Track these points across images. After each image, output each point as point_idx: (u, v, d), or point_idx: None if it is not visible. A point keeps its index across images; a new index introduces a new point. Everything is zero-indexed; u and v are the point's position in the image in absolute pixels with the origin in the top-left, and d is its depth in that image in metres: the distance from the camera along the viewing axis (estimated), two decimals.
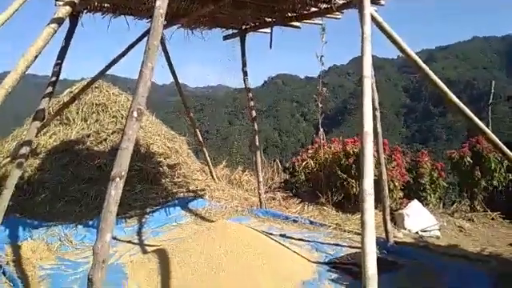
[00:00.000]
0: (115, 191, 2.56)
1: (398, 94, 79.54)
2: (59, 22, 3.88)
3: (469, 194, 6.79)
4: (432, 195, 6.70)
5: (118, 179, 2.56)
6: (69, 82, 8.74)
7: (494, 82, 11.85)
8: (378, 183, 4.72)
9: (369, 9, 2.83)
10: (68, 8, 3.89)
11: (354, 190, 6.13)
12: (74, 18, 4.31)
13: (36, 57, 3.75)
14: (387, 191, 4.87)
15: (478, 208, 6.46)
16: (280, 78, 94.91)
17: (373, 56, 4.44)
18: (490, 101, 10.80)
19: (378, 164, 4.79)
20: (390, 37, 3.52)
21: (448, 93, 3.68)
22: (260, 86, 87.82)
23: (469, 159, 6.58)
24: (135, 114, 2.66)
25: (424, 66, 3.66)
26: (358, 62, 2.97)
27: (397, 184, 6.09)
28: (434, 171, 6.70)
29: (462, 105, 3.71)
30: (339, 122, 70.56)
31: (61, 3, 4.05)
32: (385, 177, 4.79)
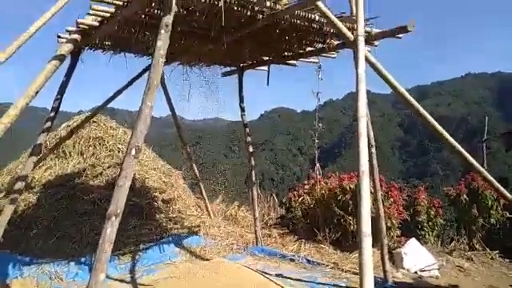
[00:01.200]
0: (111, 229, 2.53)
1: (393, 128, 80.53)
2: (61, 58, 3.99)
3: (467, 232, 6.73)
4: (430, 233, 6.64)
5: (113, 218, 2.54)
6: (66, 114, 8.80)
7: (487, 118, 12.07)
8: (375, 221, 4.71)
9: (363, 52, 2.92)
10: (70, 46, 4.01)
11: (352, 227, 6.07)
12: (75, 54, 4.40)
13: (37, 93, 3.82)
14: (385, 229, 4.84)
15: (477, 246, 6.38)
16: (276, 111, 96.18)
17: (367, 91, 4.54)
18: (485, 137, 10.96)
19: (374, 201, 4.78)
20: (383, 76, 3.61)
21: (442, 132, 3.74)
22: (256, 119, 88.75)
23: (465, 197, 6.59)
24: (133, 151, 2.67)
25: (417, 104, 3.74)
26: (353, 97, 3.04)
27: (394, 222, 6.04)
28: (431, 209, 6.68)
29: (455, 143, 3.76)
30: (335, 155, 70.85)
31: (63, 40, 4.16)
32: (382, 214, 4.77)
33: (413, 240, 5.80)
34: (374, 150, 4.59)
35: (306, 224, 6.98)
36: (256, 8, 3.49)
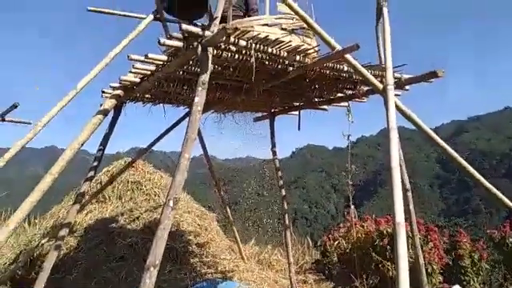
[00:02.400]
0: (149, 280, 2.61)
1: (431, 164, 77.88)
2: (105, 113, 4.28)
3: None
4: (475, 279, 6.25)
5: (152, 268, 2.62)
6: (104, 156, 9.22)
7: None
8: (414, 268, 4.54)
9: (393, 101, 2.98)
10: (113, 101, 4.31)
11: (390, 273, 5.83)
12: (117, 108, 4.70)
13: (82, 145, 4.10)
14: (425, 276, 4.64)
15: None
16: (308, 148, 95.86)
17: (402, 127, 4.47)
18: None
19: (413, 247, 4.62)
20: (415, 123, 3.62)
21: (474, 173, 3.63)
22: (288, 156, 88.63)
23: (511, 240, 6.22)
24: (171, 203, 2.79)
25: (450, 149, 3.68)
26: (385, 134, 3.05)
27: (435, 267, 5.76)
28: (474, 252, 6.33)
29: (487, 183, 3.63)
30: (371, 193, 68.94)
31: (107, 95, 4.48)
32: (422, 261, 4.59)
33: (457, 287, 5.50)
34: (409, 193, 4.51)
35: (343, 269, 6.78)
36: (286, 62, 3.66)
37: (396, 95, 4.26)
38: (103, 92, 4.64)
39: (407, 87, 4.51)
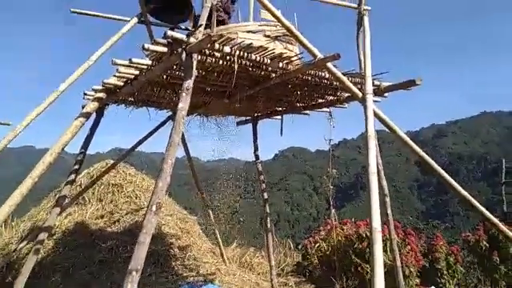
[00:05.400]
0: (131, 285, 2.61)
1: (411, 167, 79.33)
2: (87, 116, 4.25)
3: (490, 279, 6.52)
4: (450, 281, 6.44)
5: (134, 273, 2.63)
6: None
7: (504, 160, 11.94)
8: (392, 270, 4.66)
9: (371, 109, 3.07)
10: (96, 104, 4.28)
11: (369, 275, 5.96)
12: (99, 110, 4.67)
13: (63, 149, 4.06)
14: (402, 278, 4.76)
15: None
16: (291, 151, 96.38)
17: (383, 131, 4.58)
18: (503, 180, 10.80)
19: (391, 251, 4.75)
20: (392, 131, 3.74)
21: (450, 180, 3.76)
22: (271, 159, 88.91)
23: (485, 243, 6.45)
24: (154, 208, 2.80)
25: (427, 157, 3.81)
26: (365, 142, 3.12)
27: (412, 270, 5.92)
28: (450, 256, 6.52)
29: (463, 191, 3.76)
30: (352, 196, 69.77)
31: (90, 97, 4.45)
32: (399, 263, 4.71)
33: None
34: (387, 199, 4.63)
35: (323, 271, 6.89)
36: (269, 68, 3.72)
37: (375, 101, 4.40)
38: (85, 94, 4.61)
39: (386, 94, 4.64)
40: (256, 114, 6.13)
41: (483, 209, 3.62)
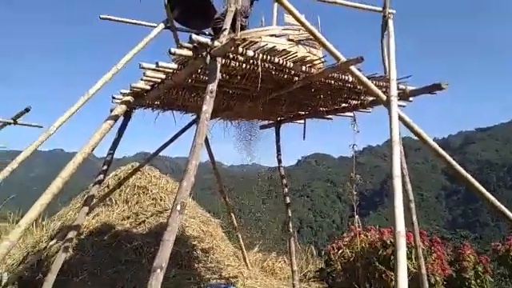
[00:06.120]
0: (156, 282, 2.67)
1: (437, 175, 77.17)
2: (115, 118, 4.39)
3: None
4: None
5: (158, 270, 2.69)
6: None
7: None
8: (417, 278, 4.56)
9: (396, 113, 3.04)
10: (124, 107, 4.42)
11: (393, 283, 5.83)
12: (127, 114, 4.81)
13: (92, 150, 4.21)
14: (427, 287, 4.65)
15: None
16: (313, 157, 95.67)
17: (409, 138, 4.45)
18: None
19: (416, 258, 4.65)
20: (417, 135, 3.68)
21: (479, 187, 3.66)
22: (294, 165, 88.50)
23: None
24: (179, 207, 2.87)
25: (453, 162, 3.73)
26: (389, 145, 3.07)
27: (438, 279, 5.76)
28: (478, 265, 6.31)
29: (492, 198, 3.65)
30: (376, 204, 68.45)
31: (118, 101, 4.59)
32: (424, 271, 4.62)
33: None
34: (412, 204, 4.55)
35: (346, 278, 6.79)
36: (292, 72, 3.75)
37: (400, 106, 4.34)
38: (113, 98, 4.77)
39: (411, 99, 4.57)
40: (279, 118, 6.16)
41: (507, 211, 3.50)
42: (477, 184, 3.64)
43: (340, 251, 7.06)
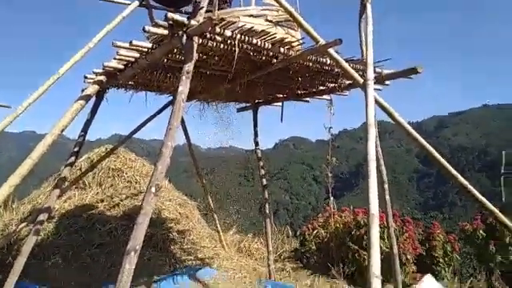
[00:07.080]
0: (129, 265, 2.63)
1: (411, 158, 79.42)
2: (87, 98, 4.24)
3: (485, 268, 6.60)
4: (446, 269, 6.52)
5: (132, 253, 2.65)
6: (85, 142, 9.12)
7: (504, 152, 11.97)
8: (389, 257, 4.71)
9: (372, 96, 3.06)
10: (96, 87, 4.27)
11: (366, 262, 6.01)
12: (99, 94, 4.66)
13: (62, 130, 4.07)
14: (399, 266, 4.81)
15: (496, 284, 6.24)
16: (291, 140, 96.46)
17: (385, 121, 4.52)
18: (502, 171, 10.84)
19: (388, 238, 4.79)
20: (394, 119, 3.73)
21: (449, 169, 3.76)
22: (271, 148, 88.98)
23: (482, 232, 6.50)
24: (153, 189, 2.81)
25: (428, 146, 3.81)
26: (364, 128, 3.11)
27: (409, 257, 5.99)
28: (447, 244, 6.59)
29: (463, 180, 3.76)
30: (352, 185, 69.99)
31: (90, 81, 4.43)
32: (396, 251, 4.75)
33: (428, 276, 5.72)
34: (386, 186, 4.64)
35: (320, 258, 6.96)
36: (270, 53, 3.70)
37: (377, 90, 4.38)
38: (85, 77, 4.59)
39: (388, 82, 4.62)
40: (256, 101, 6.12)
41: (482, 198, 3.63)
42: (449, 167, 3.73)
43: (315, 231, 7.21)
